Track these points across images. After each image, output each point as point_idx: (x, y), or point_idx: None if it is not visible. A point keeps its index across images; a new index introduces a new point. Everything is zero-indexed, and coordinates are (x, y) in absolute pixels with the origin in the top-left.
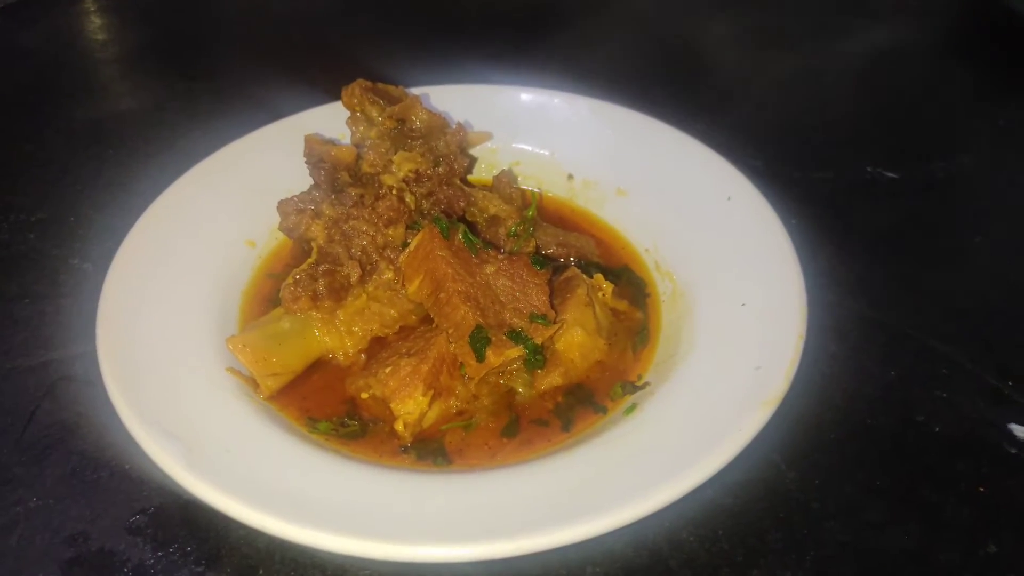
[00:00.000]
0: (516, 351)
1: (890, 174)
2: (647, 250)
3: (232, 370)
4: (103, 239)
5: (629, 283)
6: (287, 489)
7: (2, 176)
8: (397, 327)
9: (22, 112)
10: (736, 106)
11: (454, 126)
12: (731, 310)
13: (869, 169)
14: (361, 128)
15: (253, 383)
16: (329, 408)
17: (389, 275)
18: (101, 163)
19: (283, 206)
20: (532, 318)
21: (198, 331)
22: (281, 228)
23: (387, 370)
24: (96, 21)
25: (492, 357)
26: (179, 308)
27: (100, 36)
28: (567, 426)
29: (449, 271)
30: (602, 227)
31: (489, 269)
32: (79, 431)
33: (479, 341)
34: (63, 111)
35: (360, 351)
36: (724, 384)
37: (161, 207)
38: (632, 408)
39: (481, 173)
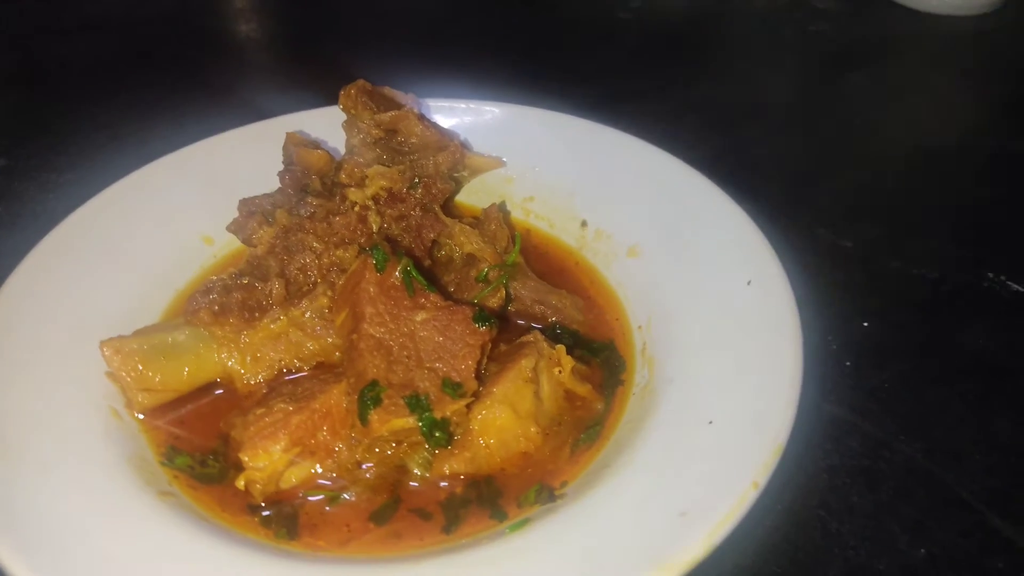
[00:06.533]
0: (404, 421)
1: (1016, 286)
2: (640, 327)
3: (112, 375)
4: None
5: (606, 363)
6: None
7: (48, 133)
8: (314, 363)
9: (100, 77)
10: (837, 175)
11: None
12: (694, 426)
13: (990, 275)
14: (354, 134)
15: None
16: (201, 440)
17: (324, 301)
18: (153, 134)
19: (242, 205)
20: (444, 385)
21: (101, 323)
22: (229, 227)
23: (260, 410)
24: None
25: (375, 423)
26: (91, 295)
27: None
28: (450, 527)
29: (368, 310)
30: (601, 288)
31: (419, 316)
32: None
33: (367, 400)
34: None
35: (266, 381)
36: (635, 525)
37: (121, 188)
38: (522, 524)
39: (492, 201)
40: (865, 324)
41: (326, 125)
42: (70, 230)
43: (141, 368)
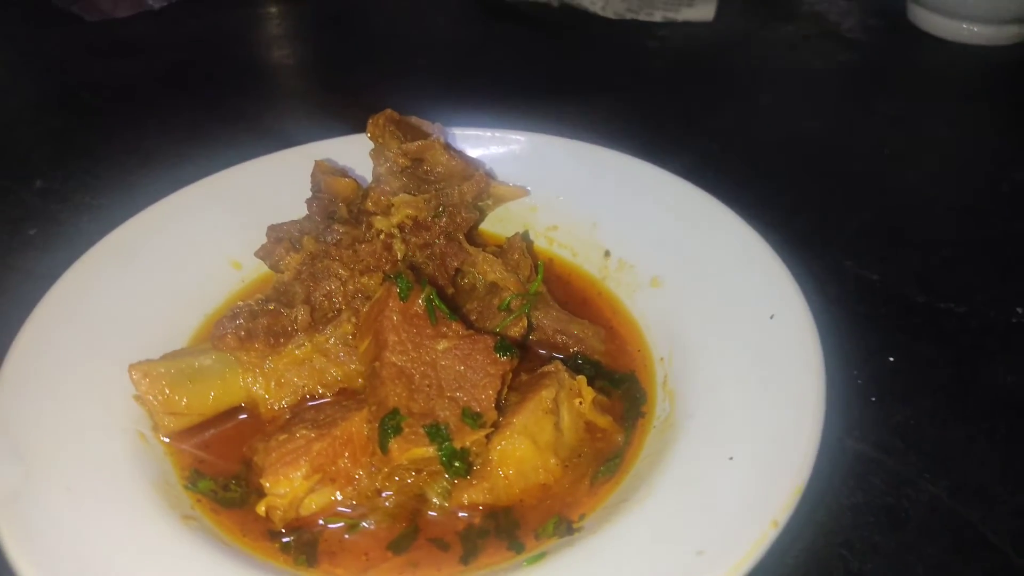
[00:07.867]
0: (424, 451)
1: None
2: (662, 359)
3: (139, 399)
4: None
5: (627, 395)
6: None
7: (84, 155)
8: (337, 389)
9: (134, 102)
10: (864, 207)
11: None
12: (713, 461)
13: (1019, 311)
14: (381, 162)
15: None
16: (224, 464)
17: (348, 328)
18: (184, 159)
19: (270, 231)
20: (463, 415)
21: (131, 346)
22: (257, 253)
23: (282, 436)
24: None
25: (395, 451)
26: (122, 318)
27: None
28: (467, 557)
29: (391, 338)
30: (624, 319)
31: (441, 345)
32: None
33: (387, 428)
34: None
35: (289, 406)
36: (651, 563)
37: (152, 213)
38: (539, 558)
39: (516, 230)
40: (891, 359)
41: (354, 153)
42: (101, 254)
43: (168, 392)
